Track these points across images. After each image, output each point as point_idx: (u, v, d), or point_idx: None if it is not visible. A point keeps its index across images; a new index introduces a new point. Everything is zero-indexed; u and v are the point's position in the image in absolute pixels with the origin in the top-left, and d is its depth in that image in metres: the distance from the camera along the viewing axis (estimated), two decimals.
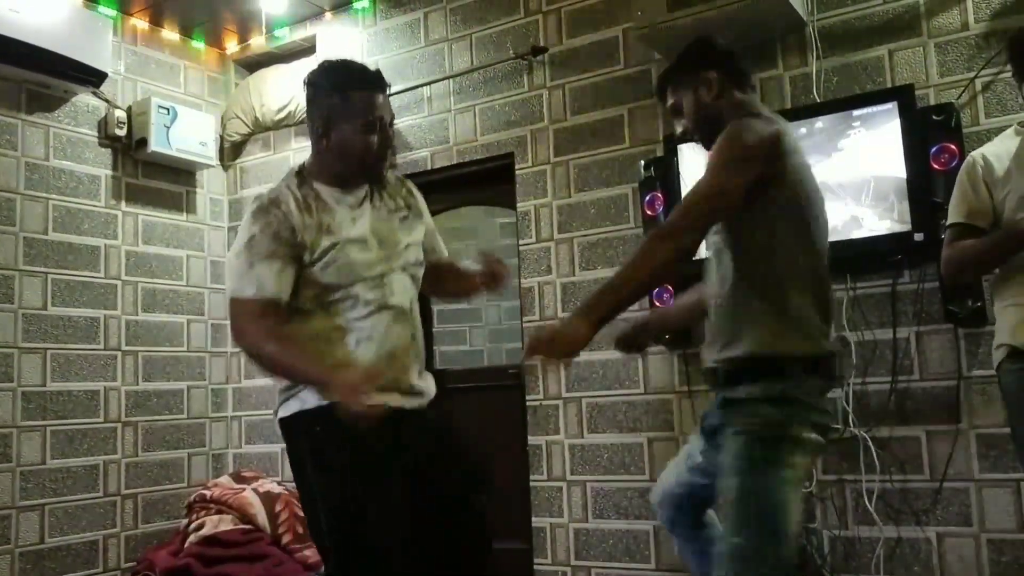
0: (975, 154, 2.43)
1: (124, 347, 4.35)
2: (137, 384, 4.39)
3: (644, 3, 3.40)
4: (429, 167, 4.28)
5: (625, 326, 2.40)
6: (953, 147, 2.92)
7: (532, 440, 3.82)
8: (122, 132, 4.39)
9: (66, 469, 4.05)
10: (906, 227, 2.99)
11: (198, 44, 4.91)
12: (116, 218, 4.41)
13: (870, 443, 3.09)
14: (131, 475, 4.31)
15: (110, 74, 4.25)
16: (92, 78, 4.18)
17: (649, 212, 3.54)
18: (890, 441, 3.10)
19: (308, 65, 4.70)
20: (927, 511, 3.04)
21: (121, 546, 4.23)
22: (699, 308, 2.24)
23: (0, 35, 3.75)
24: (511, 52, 4.03)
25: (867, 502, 3.09)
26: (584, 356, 3.71)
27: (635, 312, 2.62)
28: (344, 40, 4.61)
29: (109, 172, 4.40)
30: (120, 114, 4.40)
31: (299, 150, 4.76)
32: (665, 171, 3.50)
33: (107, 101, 4.39)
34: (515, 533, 3.82)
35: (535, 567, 3.78)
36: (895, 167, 3.03)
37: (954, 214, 2.41)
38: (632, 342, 2.43)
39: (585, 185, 3.84)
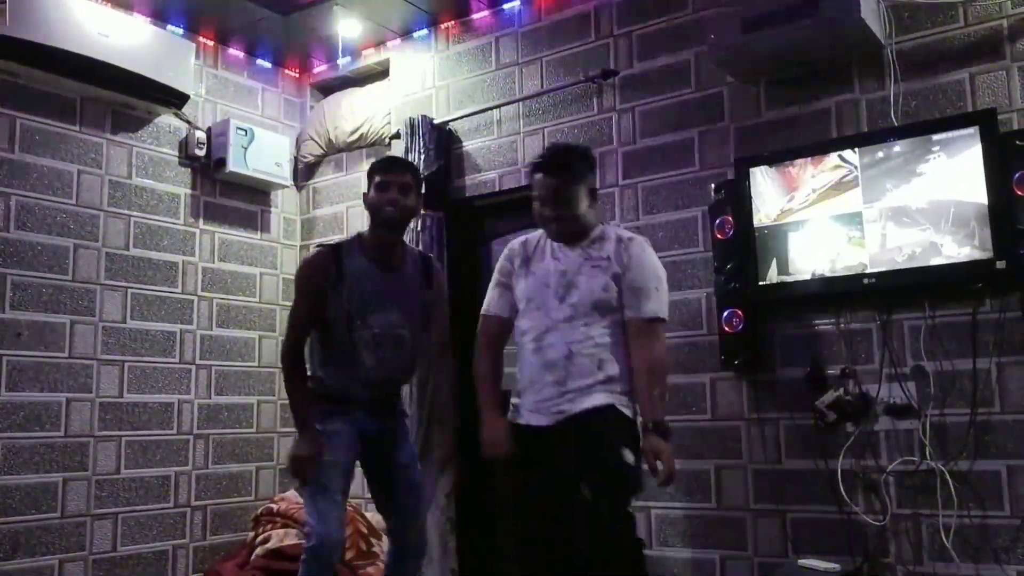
0: None
1: (199, 361, 4.46)
2: (210, 397, 4.49)
3: (717, 26, 3.39)
4: (497, 188, 4.31)
5: None
6: None
7: None
8: (202, 152, 4.53)
9: (139, 479, 4.16)
10: (987, 254, 2.90)
11: (275, 68, 5.05)
12: (194, 235, 4.53)
13: (948, 476, 2.99)
14: (201, 487, 4.40)
15: (191, 96, 4.39)
16: (175, 100, 4.32)
17: (719, 235, 3.50)
18: (969, 475, 2.99)
19: (381, 88, 4.85)
20: (1007, 549, 2.92)
21: (190, 556, 4.31)
22: None
23: (90, 58, 3.90)
24: (581, 75, 4.04)
25: (944, 538, 2.98)
26: None
27: None
28: (417, 64, 4.69)
29: (188, 191, 4.53)
30: (200, 135, 4.54)
31: None
32: (736, 194, 3.47)
33: (188, 122, 4.53)
34: None
35: None
36: (976, 193, 2.94)
37: None
38: None
39: (653, 208, 3.82)
